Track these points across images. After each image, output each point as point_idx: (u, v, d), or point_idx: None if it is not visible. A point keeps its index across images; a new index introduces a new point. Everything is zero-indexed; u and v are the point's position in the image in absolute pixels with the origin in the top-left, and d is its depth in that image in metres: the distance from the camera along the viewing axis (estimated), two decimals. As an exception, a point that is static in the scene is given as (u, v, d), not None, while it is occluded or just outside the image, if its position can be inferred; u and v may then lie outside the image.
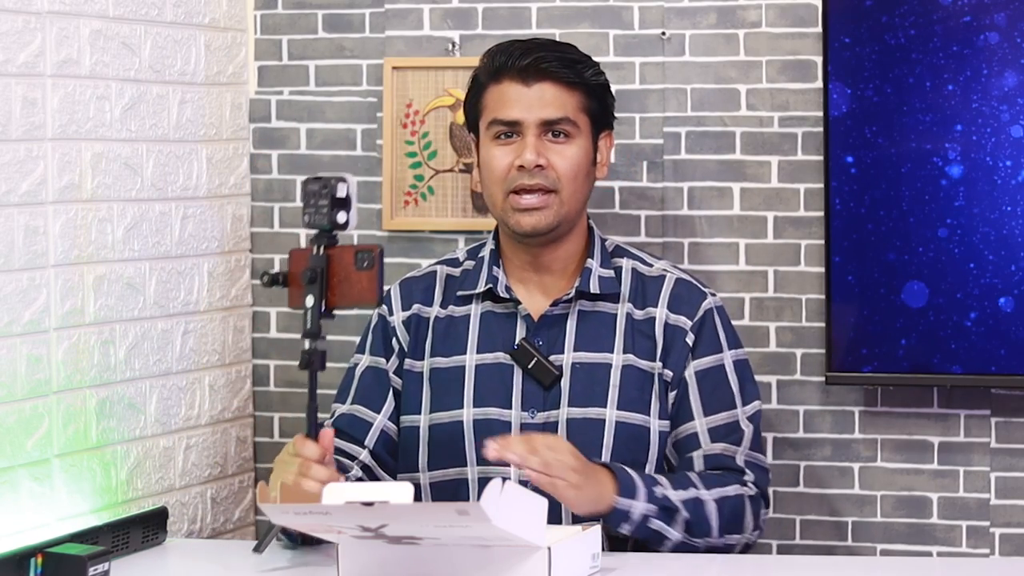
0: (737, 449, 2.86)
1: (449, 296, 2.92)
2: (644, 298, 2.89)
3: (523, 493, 2.34)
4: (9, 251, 2.79)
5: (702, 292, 2.91)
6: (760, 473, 2.88)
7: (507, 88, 2.84)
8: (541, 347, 2.84)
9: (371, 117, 3.51)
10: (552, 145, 2.83)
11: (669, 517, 2.73)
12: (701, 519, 2.76)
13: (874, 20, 3.22)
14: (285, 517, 2.42)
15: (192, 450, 3.27)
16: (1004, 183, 3.19)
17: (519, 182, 2.82)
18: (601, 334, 2.86)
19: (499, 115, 2.84)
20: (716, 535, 2.78)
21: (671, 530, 2.74)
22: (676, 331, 2.86)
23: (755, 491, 2.85)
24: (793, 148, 3.36)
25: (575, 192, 2.85)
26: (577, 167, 2.84)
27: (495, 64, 2.87)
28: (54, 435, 2.88)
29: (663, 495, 2.72)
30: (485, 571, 2.40)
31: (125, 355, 3.07)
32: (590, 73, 2.88)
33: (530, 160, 2.81)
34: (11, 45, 2.80)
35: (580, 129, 2.85)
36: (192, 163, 3.28)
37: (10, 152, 2.80)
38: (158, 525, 2.94)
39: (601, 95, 2.90)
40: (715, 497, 2.78)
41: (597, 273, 2.88)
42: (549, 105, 2.83)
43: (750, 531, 2.83)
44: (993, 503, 3.32)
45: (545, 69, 2.83)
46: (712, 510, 2.77)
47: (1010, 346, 3.20)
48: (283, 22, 3.54)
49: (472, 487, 2.83)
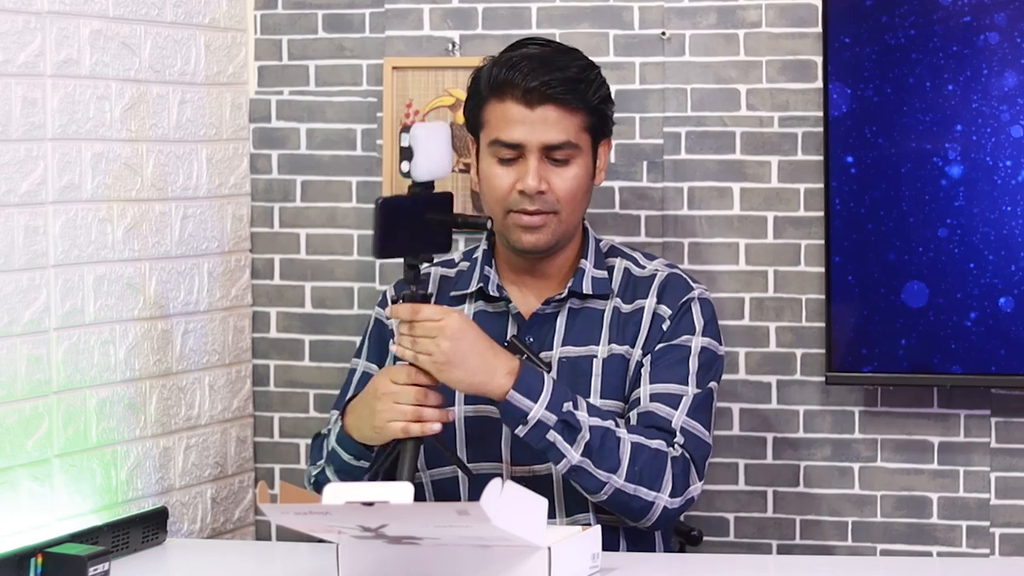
0: (674, 412, 2.78)
1: (443, 297, 2.93)
2: (634, 293, 2.88)
3: (523, 493, 2.34)
4: (9, 251, 2.79)
5: (690, 285, 2.89)
6: (695, 442, 2.78)
7: (510, 108, 2.81)
8: (531, 344, 2.84)
9: (371, 117, 3.51)
10: (554, 168, 2.82)
11: (570, 435, 2.67)
12: (608, 451, 2.68)
13: (874, 20, 3.22)
14: (285, 517, 2.42)
15: (192, 450, 3.27)
16: (1004, 183, 3.19)
17: (521, 206, 2.81)
18: (589, 329, 2.86)
19: (501, 136, 2.82)
20: (624, 476, 2.69)
21: (570, 448, 2.67)
22: (657, 318, 2.86)
23: (680, 453, 2.75)
24: (793, 148, 3.36)
25: (575, 210, 2.85)
26: (577, 188, 2.83)
27: (500, 79, 2.83)
28: (54, 435, 2.88)
29: (569, 411, 2.67)
30: (485, 571, 2.40)
31: (125, 355, 3.07)
32: (593, 90, 2.84)
33: (532, 187, 2.80)
34: (11, 45, 2.80)
35: (581, 149, 2.83)
36: (192, 163, 3.28)
37: (10, 152, 2.80)
38: (158, 525, 2.94)
39: (602, 110, 2.87)
40: (632, 440, 2.71)
41: (590, 274, 2.88)
42: (552, 129, 2.80)
43: (668, 493, 2.72)
44: (993, 503, 3.32)
45: (550, 94, 2.80)
46: (625, 449, 2.69)
47: (1010, 346, 3.20)
48: (283, 22, 3.54)
49: (463, 484, 2.83)
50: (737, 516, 3.42)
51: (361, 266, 3.52)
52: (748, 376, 3.39)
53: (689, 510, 3.39)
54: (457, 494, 2.85)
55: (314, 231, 3.54)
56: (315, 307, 3.55)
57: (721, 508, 3.42)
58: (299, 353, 3.56)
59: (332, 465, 2.77)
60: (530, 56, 2.83)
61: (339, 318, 3.52)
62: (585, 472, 2.69)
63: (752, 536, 3.41)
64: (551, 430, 2.66)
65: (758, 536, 3.41)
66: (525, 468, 2.80)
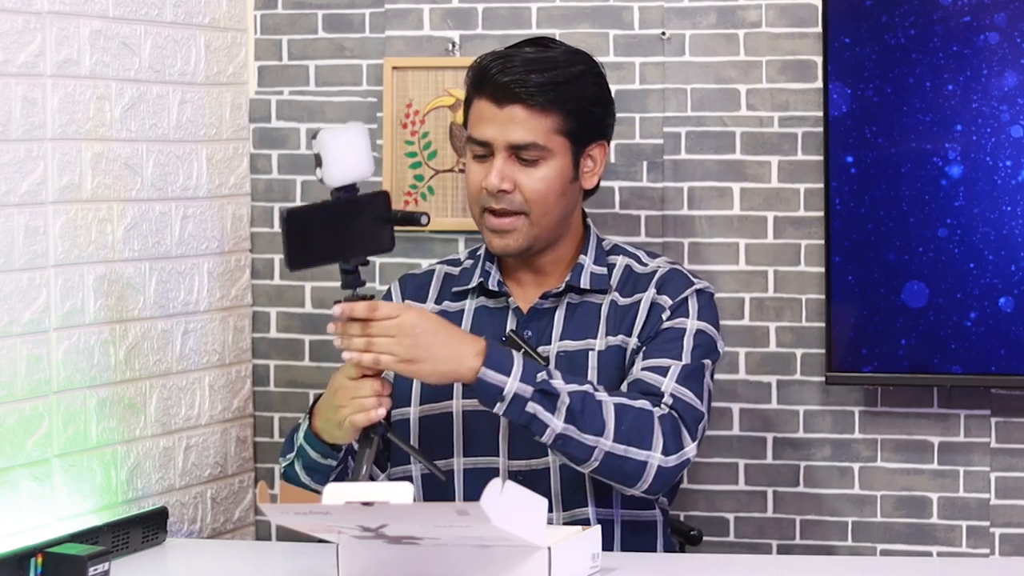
0: (663, 379, 2.73)
1: (445, 292, 2.93)
2: (634, 288, 2.86)
3: (523, 493, 2.35)
4: (9, 251, 2.79)
5: (691, 280, 2.86)
6: (684, 405, 2.72)
7: (482, 106, 2.80)
8: (530, 339, 2.83)
9: (371, 117, 3.51)
10: (522, 168, 2.79)
11: (550, 403, 2.63)
12: (592, 414, 2.64)
13: (874, 20, 3.22)
14: (285, 517, 2.42)
15: (192, 450, 3.27)
16: (1004, 183, 3.19)
17: (489, 204, 2.80)
18: (586, 323, 2.85)
19: (473, 133, 2.82)
20: (611, 438, 2.64)
21: (552, 417, 2.62)
22: (656, 308, 2.82)
23: (668, 412, 2.70)
24: (793, 148, 3.36)
25: (547, 212, 2.81)
26: (547, 189, 2.80)
27: (476, 76, 2.82)
28: (54, 435, 2.88)
29: (543, 379, 2.63)
30: (485, 571, 2.40)
31: (125, 355, 3.07)
32: (577, 93, 2.80)
33: (493, 185, 2.78)
34: (11, 45, 2.80)
35: (552, 151, 2.79)
36: (192, 163, 3.28)
37: (10, 152, 2.80)
38: (158, 525, 2.94)
39: (584, 113, 2.82)
40: (616, 401, 2.67)
41: (589, 269, 2.87)
42: (519, 128, 2.77)
43: (660, 451, 2.66)
44: (993, 503, 3.32)
45: (519, 93, 2.77)
46: (609, 411, 2.65)
47: (1010, 346, 3.20)
48: (283, 22, 3.54)
49: (458, 478, 2.83)
50: (737, 516, 3.42)
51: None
52: (748, 376, 3.39)
53: (689, 510, 3.39)
54: (445, 490, 2.83)
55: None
56: (315, 307, 3.55)
57: (721, 508, 3.42)
58: (299, 353, 3.56)
59: (300, 460, 2.76)
60: (514, 56, 2.82)
61: (339, 318, 3.52)
62: (571, 440, 2.64)
63: (752, 536, 3.41)
64: (529, 401, 2.62)
65: (758, 536, 3.41)
66: (523, 463, 2.80)
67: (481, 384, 2.62)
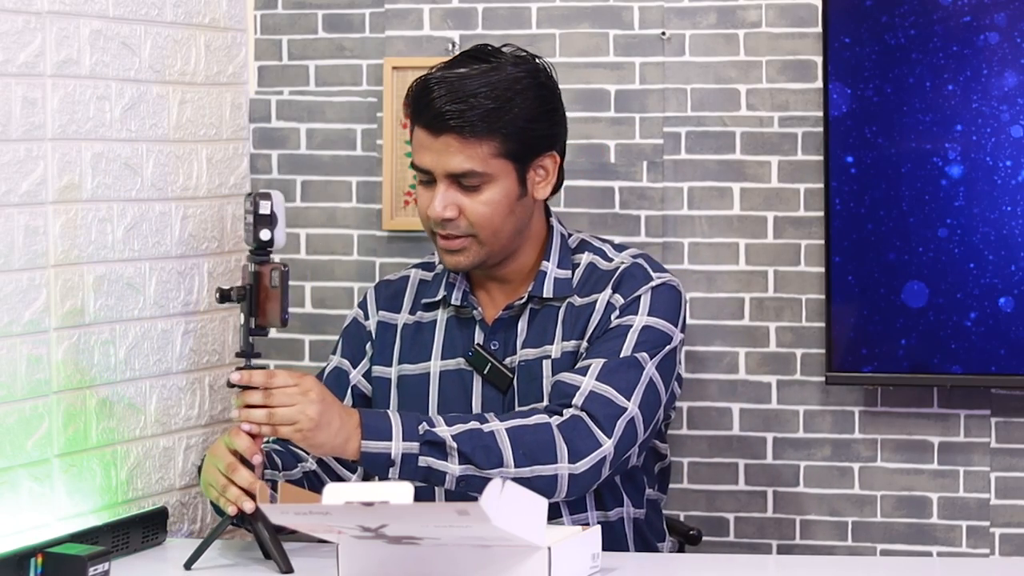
0: (582, 379, 2.71)
1: (418, 302, 2.93)
2: (593, 287, 2.83)
3: (523, 493, 2.34)
4: (9, 251, 2.79)
5: (649, 275, 2.82)
6: (599, 402, 2.69)
7: (419, 134, 2.78)
8: (496, 351, 2.83)
9: (371, 117, 3.51)
10: (465, 194, 2.76)
11: (440, 452, 2.62)
12: (485, 448, 2.63)
13: (874, 20, 3.22)
14: (285, 517, 2.42)
15: (192, 450, 3.26)
16: (1004, 183, 3.19)
17: (436, 229, 2.79)
18: (545, 329, 2.83)
19: (415, 160, 2.79)
20: (512, 464, 2.63)
21: (447, 464, 2.62)
22: (608, 308, 2.80)
23: (570, 416, 2.67)
24: (793, 148, 3.36)
25: (495, 232, 2.78)
26: (492, 212, 2.77)
27: (412, 104, 2.79)
28: (54, 435, 2.88)
29: (426, 429, 2.63)
30: (485, 571, 2.40)
31: (125, 355, 3.07)
32: (511, 116, 2.75)
33: (436, 214, 2.76)
34: (11, 45, 2.80)
35: (494, 175, 2.76)
36: (192, 163, 3.28)
37: (10, 152, 2.80)
38: (158, 525, 2.94)
39: (523, 134, 2.77)
40: (508, 426, 2.65)
41: (552, 275, 2.84)
42: (455, 157, 2.74)
43: (567, 460, 2.65)
44: (993, 503, 3.32)
45: (452, 125, 2.73)
46: (503, 439, 2.64)
47: (1010, 346, 3.20)
48: (283, 22, 3.54)
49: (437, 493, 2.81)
50: (737, 516, 3.42)
51: (361, 266, 3.52)
52: (748, 376, 3.39)
53: (689, 510, 3.39)
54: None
55: (314, 231, 3.54)
56: (315, 307, 3.55)
57: (721, 508, 3.42)
58: (299, 353, 3.56)
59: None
60: (448, 79, 2.77)
61: (339, 318, 3.51)
62: (474, 479, 2.64)
63: (752, 536, 3.41)
64: (419, 456, 2.62)
65: (758, 536, 3.41)
66: None
67: (367, 457, 2.63)
